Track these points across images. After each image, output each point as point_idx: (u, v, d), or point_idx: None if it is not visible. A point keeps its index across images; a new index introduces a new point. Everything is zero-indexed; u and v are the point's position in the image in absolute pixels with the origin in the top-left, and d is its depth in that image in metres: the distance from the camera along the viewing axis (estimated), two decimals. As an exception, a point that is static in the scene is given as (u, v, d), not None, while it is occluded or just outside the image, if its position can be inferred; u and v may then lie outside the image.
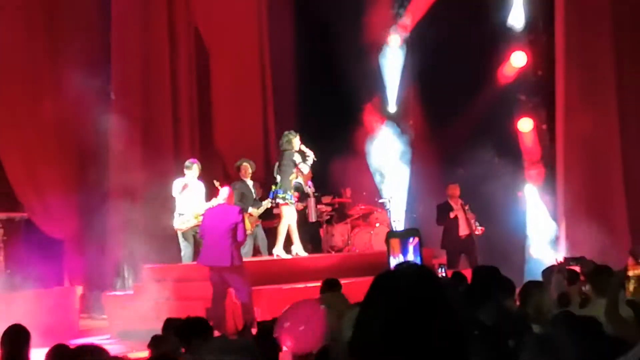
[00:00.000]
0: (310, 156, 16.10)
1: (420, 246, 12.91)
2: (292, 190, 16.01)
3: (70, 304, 15.37)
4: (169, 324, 8.75)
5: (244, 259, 14.23)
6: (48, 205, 16.94)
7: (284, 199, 15.96)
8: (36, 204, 16.92)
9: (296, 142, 16.09)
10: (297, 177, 16.09)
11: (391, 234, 15.15)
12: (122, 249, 17.31)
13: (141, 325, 14.09)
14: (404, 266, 2.65)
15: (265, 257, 16.67)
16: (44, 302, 14.44)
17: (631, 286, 9.54)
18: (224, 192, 14.00)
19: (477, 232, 17.60)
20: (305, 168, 16.11)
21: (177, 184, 15.95)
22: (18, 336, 7.31)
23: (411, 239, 13.18)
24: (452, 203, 17.92)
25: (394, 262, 14.04)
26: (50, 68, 17.39)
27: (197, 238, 15.19)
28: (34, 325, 7.96)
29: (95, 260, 17.16)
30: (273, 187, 16.22)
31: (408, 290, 2.51)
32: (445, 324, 2.48)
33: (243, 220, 13.58)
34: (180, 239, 16.00)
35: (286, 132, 16.34)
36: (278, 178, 16.09)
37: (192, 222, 15.54)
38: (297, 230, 16.41)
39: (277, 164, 16.33)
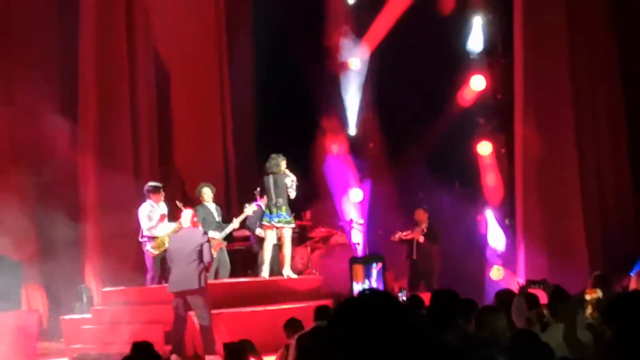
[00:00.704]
0: (294, 181, 16.18)
1: (384, 271, 12.94)
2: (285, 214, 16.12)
3: (29, 327, 15.22)
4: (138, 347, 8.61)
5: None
6: (7, 227, 16.77)
7: (288, 222, 16.14)
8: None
9: (283, 164, 16.23)
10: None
11: (354, 259, 15.18)
12: (80, 271, 17.19)
13: (99, 349, 14.01)
14: (367, 293, 2.65)
15: (225, 280, 16.60)
16: (3, 325, 14.30)
17: (589, 310, 9.58)
18: (187, 214, 13.93)
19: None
20: (293, 193, 16.18)
21: (144, 208, 15.76)
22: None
23: (374, 265, 13.21)
24: (418, 235, 17.97)
25: (357, 287, 14.08)
26: (6, 86, 17.29)
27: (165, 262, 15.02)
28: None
29: (54, 283, 16.99)
30: (269, 209, 16.18)
31: (372, 318, 2.50)
32: (410, 349, 2.48)
33: (208, 242, 13.56)
34: (150, 263, 15.82)
35: (274, 155, 16.40)
36: (279, 201, 16.09)
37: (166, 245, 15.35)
38: (258, 255, 16.63)
39: (267, 186, 16.24)
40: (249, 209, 16.61)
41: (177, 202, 15.80)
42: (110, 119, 17.87)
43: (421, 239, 17.65)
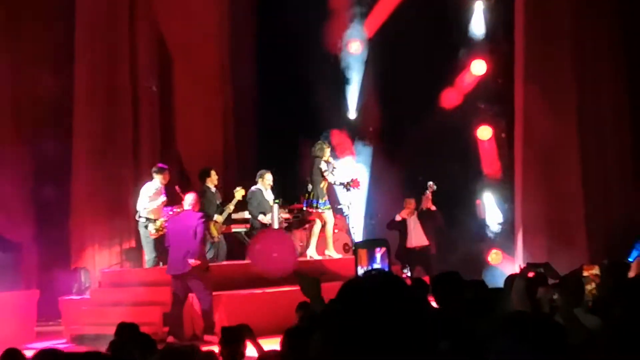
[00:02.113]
0: (336, 167, 16.57)
1: (388, 256, 12.92)
2: (325, 197, 16.45)
3: (28, 308, 15.24)
4: (122, 329, 8.61)
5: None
6: (6, 208, 16.77)
7: (317, 207, 16.39)
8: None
9: (327, 150, 16.51)
10: (326, 185, 16.46)
11: (358, 244, 15.19)
12: (79, 252, 17.20)
13: (97, 330, 14.00)
14: (372, 273, 2.64)
15: (225, 262, 16.59)
16: (1, 306, 14.31)
17: (590, 286, 9.53)
18: (189, 198, 13.90)
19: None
20: (332, 177, 16.42)
21: (149, 188, 15.73)
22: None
23: (378, 249, 13.22)
24: (405, 217, 18.05)
25: (361, 272, 14.07)
26: (9, 71, 17.27)
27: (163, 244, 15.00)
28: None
29: (53, 264, 17.00)
30: (307, 195, 16.51)
31: (376, 295, 2.49)
32: (415, 324, 2.47)
33: (203, 227, 13.50)
34: (146, 245, 15.79)
35: (320, 140, 16.85)
36: (309, 187, 16.41)
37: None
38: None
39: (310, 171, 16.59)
40: (239, 193, 16.71)
41: (177, 188, 15.79)
42: (111, 104, 17.83)
43: (432, 207, 17.79)
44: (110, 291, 15.29)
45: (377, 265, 13.19)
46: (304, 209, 16.79)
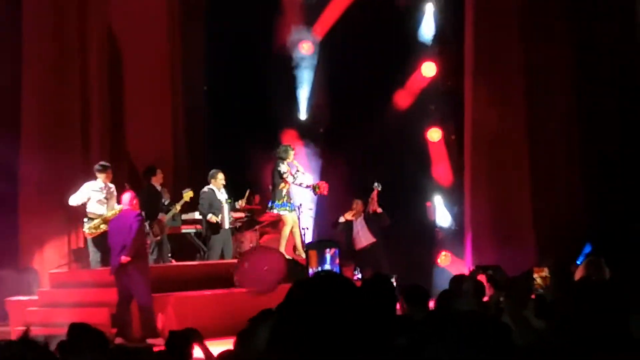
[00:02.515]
0: (300, 170, 16.60)
1: (339, 257, 12.92)
2: (286, 198, 16.43)
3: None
4: (73, 329, 8.51)
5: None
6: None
7: (272, 208, 16.56)
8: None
9: (292, 153, 16.61)
10: (287, 187, 16.43)
11: (309, 245, 15.24)
12: (26, 253, 17.02)
13: (45, 332, 13.86)
14: (320, 274, 2.65)
15: (175, 263, 16.53)
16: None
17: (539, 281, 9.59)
18: (127, 197, 13.84)
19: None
20: (292, 179, 16.41)
21: (87, 188, 15.63)
22: None
23: (328, 250, 13.24)
24: (350, 218, 18.18)
25: (311, 273, 14.11)
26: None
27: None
28: None
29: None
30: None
31: (326, 297, 2.50)
32: (364, 328, 2.48)
33: (140, 223, 13.40)
34: (90, 244, 15.70)
35: (285, 144, 17.01)
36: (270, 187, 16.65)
37: (103, 227, 15.14)
38: (209, 239, 16.82)
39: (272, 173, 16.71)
40: (187, 195, 16.71)
41: (126, 185, 15.72)
42: (60, 101, 17.65)
43: (378, 209, 17.84)
44: (58, 292, 15.15)
45: (327, 267, 13.22)
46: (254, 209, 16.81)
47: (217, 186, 16.86)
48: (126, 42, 19.89)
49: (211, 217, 16.62)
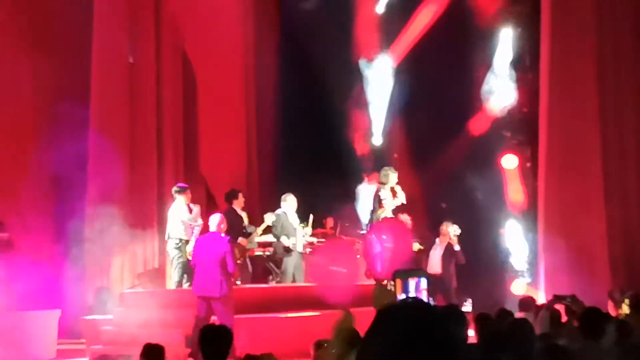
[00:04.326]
0: (400, 196, 16.46)
1: (427, 285, 12.79)
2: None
3: (49, 327, 15.27)
4: (148, 350, 8.62)
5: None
6: (28, 227, 16.83)
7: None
8: (17, 224, 16.81)
9: (392, 178, 16.46)
10: (383, 212, 16.30)
11: (397, 273, 15.18)
12: (102, 272, 17.23)
13: (119, 351, 14.02)
14: (408, 301, 2.65)
15: (248, 286, 16.60)
16: (24, 325, 14.35)
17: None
18: (216, 219, 13.77)
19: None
20: (390, 205, 16.31)
21: (178, 209, 15.75)
22: None
23: (413, 279, 13.14)
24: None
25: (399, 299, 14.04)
26: (32, 90, 17.34)
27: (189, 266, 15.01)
28: (11, 348, 7.88)
29: (75, 283, 17.04)
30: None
31: (410, 323, 2.51)
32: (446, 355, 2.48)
33: (232, 251, 13.43)
34: (178, 266, 15.78)
35: (385, 167, 16.81)
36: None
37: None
38: (281, 261, 16.82)
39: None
40: (269, 219, 16.75)
41: (191, 206, 15.87)
42: (135, 122, 17.87)
43: (456, 247, 17.57)
44: (131, 312, 15.31)
45: (411, 295, 13.11)
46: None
47: (289, 209, 16.86)
48: (201, 63, 20.09)
49: (285, 240, 16.64)
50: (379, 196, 16.30)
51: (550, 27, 17.58)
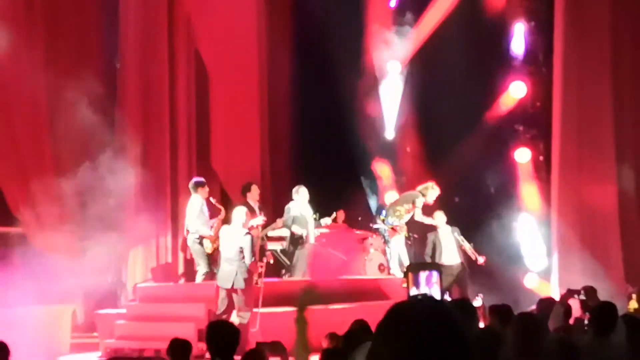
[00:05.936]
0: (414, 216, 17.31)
1: (439, 279, 12.77)
2: (402, 220, 17.43)
3: (63, 321, 15.32)
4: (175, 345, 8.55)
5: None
6: (43, 221, 16.86)
7: (389, 221, 17.61)
8: (31, 219, 16.83)
9: (432, 193, 17.28)
10: (410, 213, 17.27)
11: (409, 267, 15.18)
12: (116, 267, 17.27)
13: (133, 345, 14.09)
14: (419, 297, 2.64)
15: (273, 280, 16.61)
16: (37, 320, 14.38)
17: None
18: (239, 212, 13.78)
19: (478, 262, 17.30)
20: (419, 217, 17.20)
21: (196, 204, 15.73)
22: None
23: (423, 273, 13.12)
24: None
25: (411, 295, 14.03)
26: (50, 86, 17.35)
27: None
28: (25, 342, 7.89)
29: (89, 277, 17.07)
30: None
31: (422, 321, 2.50)
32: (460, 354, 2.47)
33: (251, 243, 13.42)
34: (203, 260, 15.76)
35: (431, 183, 17.44)
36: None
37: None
38: (293, 254, 16.67)
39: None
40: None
41: (211, 199, 15.85)
42: (149, 120, 17.94)
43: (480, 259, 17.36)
44: (145, 306, 15.35)
45: (422, 289, 13.09)
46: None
47: (302, 200, 16.82)
48: (215, 61, 20.06)
49: (295, 229, 16.55)
50: (415, 201, 17.12)
51: (564, 21, 17.55)
